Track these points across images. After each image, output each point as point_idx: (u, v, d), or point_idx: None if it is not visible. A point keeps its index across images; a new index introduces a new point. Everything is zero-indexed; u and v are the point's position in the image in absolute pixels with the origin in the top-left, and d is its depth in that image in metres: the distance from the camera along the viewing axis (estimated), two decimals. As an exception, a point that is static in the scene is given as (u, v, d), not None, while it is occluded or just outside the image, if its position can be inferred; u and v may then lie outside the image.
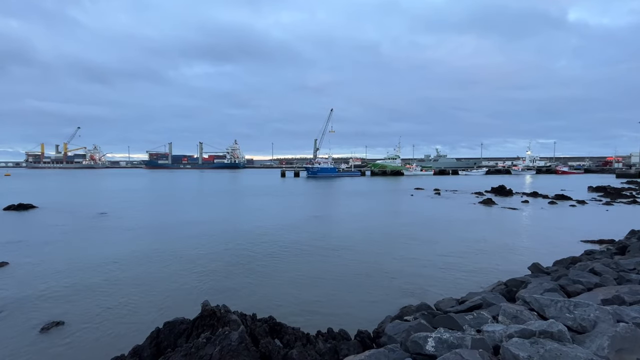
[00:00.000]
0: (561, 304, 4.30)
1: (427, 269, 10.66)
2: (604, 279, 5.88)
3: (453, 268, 10.74)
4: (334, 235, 16.15)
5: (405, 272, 10.36)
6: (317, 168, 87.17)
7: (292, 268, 10.91)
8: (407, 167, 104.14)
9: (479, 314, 4.68)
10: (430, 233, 16.33)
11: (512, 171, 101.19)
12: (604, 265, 6.57)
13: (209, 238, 15.24)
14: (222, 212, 24.18)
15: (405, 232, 16.55)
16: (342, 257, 12.17)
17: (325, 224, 19.28)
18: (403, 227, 17.97)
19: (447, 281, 9.53)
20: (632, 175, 73.81)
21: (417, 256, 12.18)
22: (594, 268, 6.40)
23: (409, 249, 13.33)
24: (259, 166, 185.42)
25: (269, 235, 15.91)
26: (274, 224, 18.90)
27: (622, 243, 11.23)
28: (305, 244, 14.11)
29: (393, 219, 20.96)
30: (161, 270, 10.64)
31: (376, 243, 14.38)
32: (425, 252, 12.67)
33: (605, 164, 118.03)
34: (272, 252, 12.93)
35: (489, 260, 11.60)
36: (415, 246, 13.74)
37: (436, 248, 13.32)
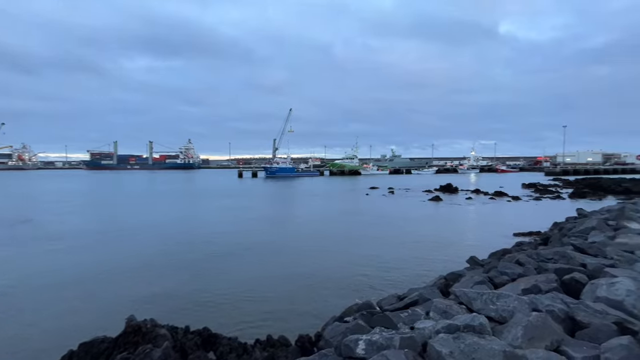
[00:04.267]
0: (486, 297, 4.52)
1: (376, 267, 10.87)
2: (526, 269, 6.36)
3: (401, 264, 11.07)
4: (285, 236, 15.91)
5: (355, 271, 10.45)
6: (276, 168, 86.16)
7: (237, 272, 10.47)
8: (365, 166, 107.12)
9: (413, 310, 4.77)
10: (381, 231, 16.79)
11: (458, 170, 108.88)
12: (527, 256, 7.15)
13: (149, 244, 14.15)
14: (167, 216, 22.70)
15: (357, 231, 16.84)
16: (291, 258, 11.98)
17: (276, 225, 18.96)
18: (355, 226, 18.28)
19: (394, 278, 9.77)
20: (558, 173, 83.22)
21: (368, 254, 12.39)
22: (519, 259, 6.93)
23: (360, 247, 13.53)
24: (215, 166, 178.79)
25: (217, 238, 15.20)
26: (222, 227, 18.15)
27: (546, 234, 12.44)
28: (254, 247, 13.69)
29: (346, 218, 21.25)
30: (84, 282, 9.57)
31: (328, 242, 14.41)
32: (376, 250, 12.94)
33: (536, 163, 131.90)
34: (217, 256, 12.33)
35: (434, 255, 12.16)
36: (366, 244, 14.00)
37: (386, 245, 13.68)
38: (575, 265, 6.18)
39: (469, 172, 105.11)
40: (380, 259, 11.75)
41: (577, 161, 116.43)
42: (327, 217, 21.80)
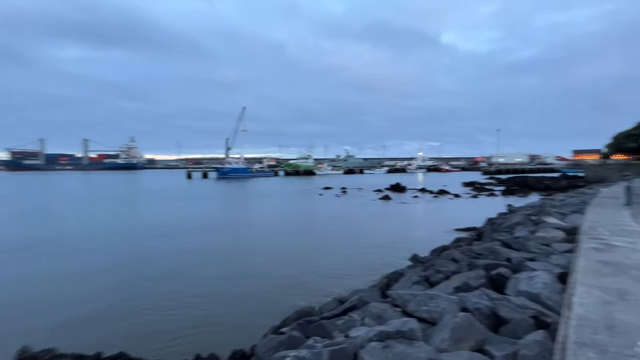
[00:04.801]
0: (419, 298, 4.54)
1: (325, 268, 10.74)
2: (460, 265, 6.62)
3: (349, 265, 11.07)
4: (229, 239, 15.18)
5: (302, 273, 10.22)
6: (228, 168, 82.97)
7: (172, 283, 9.63)
8: (319, 166, 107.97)
9: (350, 317, 4.63)
10: (331, 231, 16.80)
11: (407, 170, 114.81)
12: (461, 253, 7.49)
13: (67, 255, 12.52)
14: (99, 222, 20.47)
15: (307, 232, 16.67)
16: (234, 264, 11.39)
17: (220, 229, 18.07)
18: (306, 227, 18.11)
19: (341, 279, 9.71)
20: (493, 172, 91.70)
21: (316, 255, 12.25)
22: (454, 256, 7.22)
23: (309, 248, 13.35)
24: (162, 167, 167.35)
25: (148, 245, 13.97)
26: (159, 231, 16.80)
27: (480, 230, 13.37)
28: (194, 254, 12.81)
29: (297, 219, 21.00)
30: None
31: (275, 244, 14.01)
32: (325, 251, 12.85)
33: (475, 163, 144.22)
34: (146, 264, 11.29)
35: (381, 254, 12.39)
36: (315, 245, 13.86)
37: (335, 246, 13.67)
38: (502, 260, 6.57)
39: (416, 171, 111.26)
40: (329, 260, 11.67)
41: (508, 161, 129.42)
42: (276, 218, 21.33)
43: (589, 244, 5.53)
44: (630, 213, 8.74)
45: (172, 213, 23.81)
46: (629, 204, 9.99)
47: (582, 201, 13.12)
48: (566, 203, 14.17)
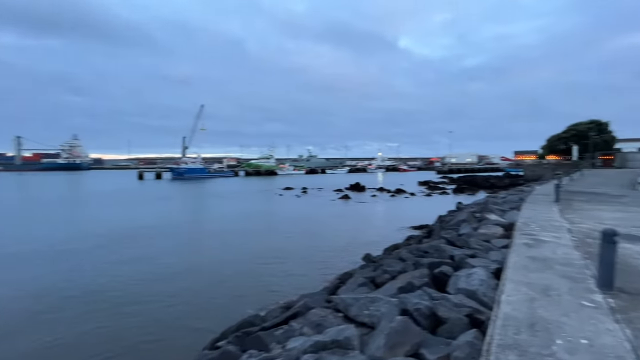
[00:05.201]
0: (361, 302, 4.42)
1: (278, 270, 10.42)
2: (406, 264, 6.69)
3: (304, 266, 10.85)
4: (177, 244, 14.25)
5: (255, 276, 9.81)
6: (184, 169, 78.92)
7: (109, 293, 8.73)
8: (281, 166, 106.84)
9: (290, 326, 4.38)
10: (288, 232, 16.48)
11: (367, 170, 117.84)
12: (409, 251, 7.61)
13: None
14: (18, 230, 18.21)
15: (263, 233, 16.20)
16: (180, 271, 10.65)
17: (167, 232, 16.95)
18: (262, 228, 17.61)
19: (294, 281, 9.45)
20: (446, 172, 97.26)
21: (271, 257, 11.87)
22: (402, 255, 7.30)
23: (263, 250, 12.92)
24: (110, 167, 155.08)
25: (78, 254, 12.65)
26: (91, 240, 15.34)
27: (430, 227, 13.88)
28: (132, 262, 11.81)
29: (253, 221, 20.40)
30: None
31: (227, 248, 13.39)
32: (280, 253, 12.51)
33: (430, 163, 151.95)
34: (76, 274, 10.17)
35: (338, 254, 12.34)
36: (270, 247, 13.46)
37: (291, 247, 13.38)
38: (445, 258, 6.74)
39: (376, 171, 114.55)
40: (285, 262, 11.36)
41: (460, 161, 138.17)
42: (231, 220, 20.53)
43: (521, 240, 5.82)
44: (558, 209, 9.51)
45: (113, 217, 21.91)
46: (557, 200, 10.91)
47: (520, 198, 14.15)
48: (506, 200, 15.21)
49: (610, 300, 3.26)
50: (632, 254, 4.91)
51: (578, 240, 5.72)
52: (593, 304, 3.15)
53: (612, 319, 2.87)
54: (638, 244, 5.51)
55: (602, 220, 7.79)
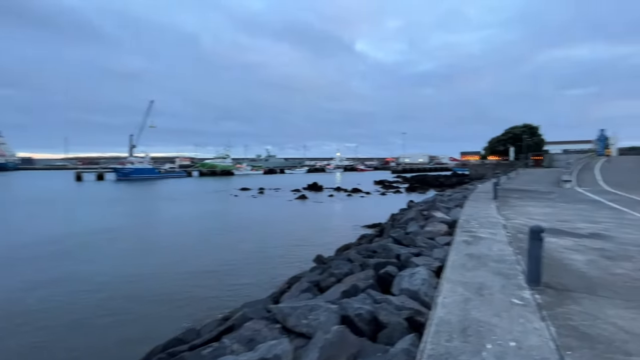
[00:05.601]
0: (300, 310, 4.12)
1: (224, 277, 9.78)
2: (354, 266, 6.55)
3: (252, 271, 10.32)
4: (111, 251, 12.90)
5: (198, 286, 9.08)
6: (130, 169, 72.95)
7: (29, 304, 7.49)
8: (238, 166, 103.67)
9: (222, 343, 3.94)
10: (240, 234, 15.77)
11: (326, 170, 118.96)
12: (357, 252, 7.51)
13: None
14: None
15: (214, 236, 15.31)
16: (116, 281, 9.56)
17: (95, 242, 15.36)
18: (212, 231, 16.66)
19: (240, 289, 8.91)
20: (400, 172, 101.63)
21: (218, 263, 11.15)
22: (350, 256, 7.17)
23: (212, 255, 12.14)
24: (43, 167, 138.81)
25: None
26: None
27: (382, 226, 14.11)
28: (56, 274, 10.42)
29: (202, 224, 19.27)
30: None
31: (171, 254, 12.38)
32: (228, 257, 11.83)
33: (386, 163, 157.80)
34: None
35: (290, 256, 11.97)
36: (219, 251, 12.71)
37: (241, 251, 12.75)
38: (392, 257, 6.73)
39: (334, 171, 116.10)
40: (233, 266, 10.74)
41: (413, 161, 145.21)
42: (178, 223, 19.20)
43: (461, 237, 5.96)
44: (495, 206, 10.11)
45: (38, 225, 19.34)
46: (495, 197, 11.65)
47: (464, 196, 14.95)
48: (452, 198, 16.01)
49: (537, 296, 3.32)
50: (557, 248, 5.22)
51: (511, 236, 6.00)
52: (522, 302, 3.18)
53: (538, 316, 2.89)
54: (562, 238, 5.92)
55: (532, 215, 8.37)
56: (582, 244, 5.52)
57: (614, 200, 11.52)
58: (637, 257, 4.70)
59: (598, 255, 4.81)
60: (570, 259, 4.62)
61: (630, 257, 4.74)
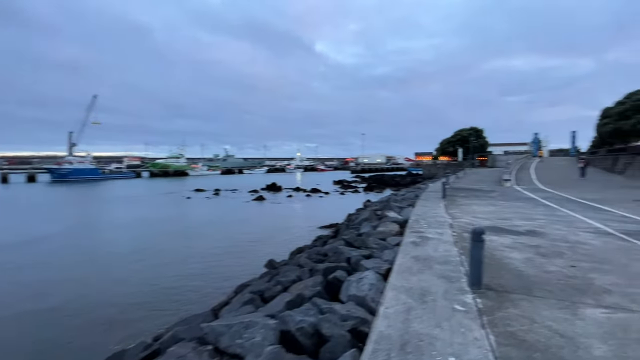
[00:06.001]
0: (235, 328, 3.69)
1: (166, 290, 8.93)
2: (303, 271, 6.23)
3: (200, 280, 9.57)
4: (30, 265, 11.31)
5: (133, 301, 8.15)
6: (68, 169, 66.02)
7: None
8: (193, 166, 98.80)
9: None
10: (188, 240, 14.73)
11: (286, 170, 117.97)
12: (308, 256, 7.21)
13: None
14: None
15: (147, 245, 14.11)
16: (37, 297, 8.27)
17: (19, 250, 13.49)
18: (155, 237, 15.39)
19: (183, 300, 8.16)
20: (359, 171, 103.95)
21: (159, 273, 10.20)
22: (300, 261, 6.84)
23: (146, 265, 11.09)
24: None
25: None
26: None
27: (338, 226, 14.02)
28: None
29: (145, 229, 17.79)
30: None
31: (104, 266, 11.12)
32: (173, 266, 10.90)
33: (345, 163, 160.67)
34: None
35: (241, 262, 11.33)
36: (162, 260, 11.69)
37: (186, 258, 11.84)
38: (343, 261, 6.53)
39: (295, 171, 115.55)
40: (176, 276, 9.87)
41: (371, 162, 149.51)
42: (118, 230, 17.53)
43: (409, 238, 5.91)
44: (444, 205, 10.45)
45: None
46: (444, 197, 12.09)
47: (416, 195, 15.40)
48: (405, 197, 16.42)
49: (479, 300, 3.25)
50: (498, 247, 5.35)
51: (457, 236, 6.09)
52: (464, 308, 3.07)
53: (479, 323, 2.78)
54: (502, 236, 6.13)
55: (476, 214, 8.72)
56: (519, 241, 5.74)
57: (546, 197, 12.53)
58: (567, 253, 4.95)
59: (534, 253, 4.99)
60: (509, 258, 4.72)
61: (561, 253, 4.97)
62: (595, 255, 4.82)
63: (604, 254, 4.93)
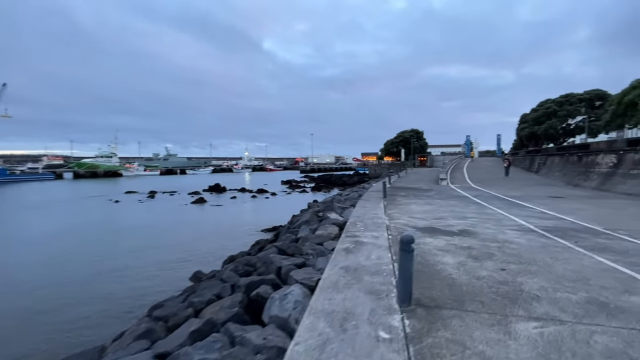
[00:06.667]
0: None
1: (67, 314, 7.35)
2: (224, 288, 5.38)
3: (112, 297, 8.09)
4: None
5: (26, 328, 6.51)
6: (-38, 170, 55.35)
7: None
8: (128, 166, 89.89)
9: None
10: (106, 250, 12.76)
11: (233, 170, 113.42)
12: (234, 268, 6.35)
13: None
14: None
15: (53, 259, 11.96)
16: None
17: None
18: (52, 253, 13.10)
19: (68, 336, 6.72)
20: (308, 171, 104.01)
21: (65, 292, 8.46)
22: (223, 275, 5.97)
23: (44, 284, 9.22)
24: None
25: None
26: None
27: (278, 230, 13.25)
28: None
29: (57, 238, 15.18)
30: None
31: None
32: (72, 284, 9.16)
33: (295, 163, 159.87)
34: None
35: (164, 276, 9.97)
36: (70, 275, 9.82)
37: (98, 273, 10.11)
38: (272, 272, 5.82)
39: (243, 171, 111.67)
40: (72, 299, 8.23)
41: (320, 162, 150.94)
42: (19, 243, 14.67)
43: (343, 244, 5.41)
44: (383, 205, 10.31)
45: None
46: (385, 196, 12.05)
47: (359, 195, 15.30)
48: (349, 197, 16.26)
49: (407, 322, 2.78)
50: (431, 250, 5.09)
51: (392, 239, 5.75)
52: (389, 335, 2.55)
53: (405, 357, 2.28)
54: (437, 237, 5.96)
55: (414, 214, 8.64)
56: (453, 242, 5.58)
57: (477, 195, 13.20)
58: (496, 255, 4.84)
59: (466, 255, 4.79)
60: (442, 263, 4.44)
61: (491, 254, 4.85)
62: (522, 256, 4.77)
63: (529, 253, 4.92)
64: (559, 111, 36.70)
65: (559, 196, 13.01)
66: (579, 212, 8.88)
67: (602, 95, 34.46)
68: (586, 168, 18.35)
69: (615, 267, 4.27)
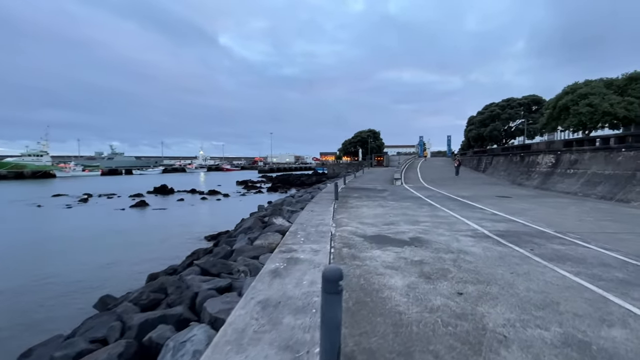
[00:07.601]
0: None
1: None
2: (112, 328, 4.03)
3: (12, 323, 6.21)
4: None
5: None
6: None
7: None
8: (63, 166, 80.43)
9: None
10: (12, 263, 10.39)
11: (187, 169, 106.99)
12: (137, 297, 4.98)
13: None
14: None
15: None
16: None
17: None
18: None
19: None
20: (267, 171, 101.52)
21: None
22: (119, 310, 4.59)
23: None
24: None
25: None
26: None
27: (222, 237, 11.84)
28: None
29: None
30: None
31: None
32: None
33: (254, 162, 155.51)
34: None
35: (66, 300, 8.11)
36: None
37: None
38: (185, 301, 4.58)
39: (197, 171, 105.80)
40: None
41: (280, 161, 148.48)
42: None
43: (272, 263, 4.36)
44: (333, 208, 9.46)
45: None
46: (336, 198, 11.23)
47: (312, 196, 14.38)
48: (301, 199, 15.27)
49: (326, 410, 1.80)
50: (378, 268, 4.23)
51: (335, 254, 4.83)
52: None
53: None
54: (385, 250, 5.14)
55: (364, 219, 7.85)
56: (403, 255, 4.80)
57: (429, 196, 12.92)
58: (451, 271, 4.11)
59: (417, 274, 3.99)
60: (389, 288, 3.57)
61: (446, 271, 4.12)
62: (480, 272, 4.09)
63: (487, 267, 4.27)
64: (502, 114, 39.15)
65: (506, 196, 13.20)
66: (527, 213, 8.75)
67: (538, 100, 37.34)
68: (528, 168, 19.26)
69: (580, 284, 3.72)
